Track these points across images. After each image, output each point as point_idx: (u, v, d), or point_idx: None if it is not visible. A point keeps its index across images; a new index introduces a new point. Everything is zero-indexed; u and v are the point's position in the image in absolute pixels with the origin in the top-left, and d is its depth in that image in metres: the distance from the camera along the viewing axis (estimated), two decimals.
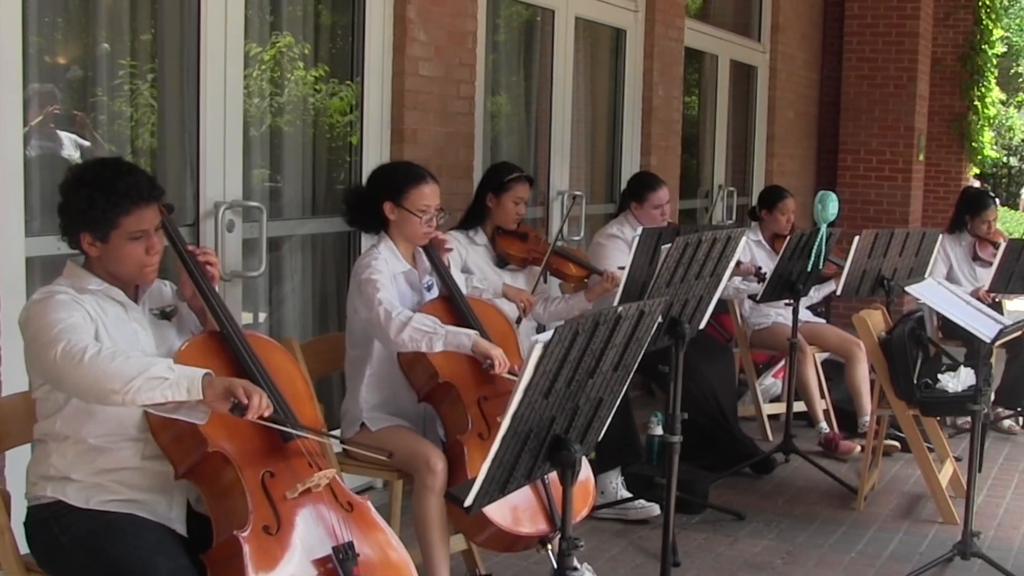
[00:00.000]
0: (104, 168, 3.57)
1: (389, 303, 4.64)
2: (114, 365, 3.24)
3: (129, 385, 3.23)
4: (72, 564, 3.51)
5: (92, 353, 3.26)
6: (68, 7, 5.05)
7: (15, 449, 3.91)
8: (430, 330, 4.57)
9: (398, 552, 3.70)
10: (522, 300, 5.81)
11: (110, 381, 3.24)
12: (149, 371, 3.26)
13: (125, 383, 3.23)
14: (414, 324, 4.56)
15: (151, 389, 3.25)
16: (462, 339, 4.59)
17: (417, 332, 4.57)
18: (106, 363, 3.25)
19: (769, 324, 8.09)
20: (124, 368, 3.24)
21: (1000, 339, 5.38)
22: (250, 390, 3.32)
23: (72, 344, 3.29)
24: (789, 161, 12.76)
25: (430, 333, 4.57)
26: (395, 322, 4.57)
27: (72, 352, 3.27)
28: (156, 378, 3.26)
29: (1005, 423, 8.55)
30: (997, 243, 8.35)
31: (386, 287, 4.70)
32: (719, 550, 5.90)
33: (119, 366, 3.25)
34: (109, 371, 3.24)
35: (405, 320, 4.57)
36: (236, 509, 3.45)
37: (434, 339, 4.57)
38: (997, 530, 6.31)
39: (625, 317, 3.28)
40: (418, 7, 6.49)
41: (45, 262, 4.64)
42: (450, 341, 4.58)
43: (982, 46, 14.58)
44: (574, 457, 3.30)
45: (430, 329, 4.57)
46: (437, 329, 4.58)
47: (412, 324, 4.56)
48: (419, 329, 4.57)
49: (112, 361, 3.25)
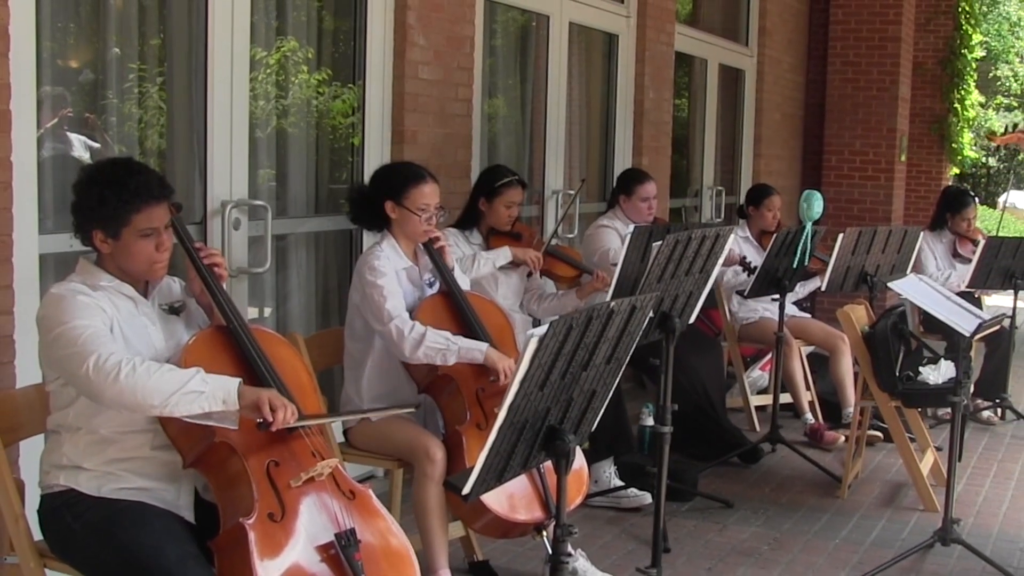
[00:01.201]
0: (116, 167, 3.57)
1: (400, 317, 4.66)
2: (151, 382, 3.28)
3: (168, 400, 3.29)
4: (84, 550, 3.52)
5: (127, 371, 3.28)
6: (80, 13, 5.04)
7: (29, 439, 3.91)
8: (443, 346, 4.60)
9: (398, 538, 3.71)
10: (529, 258, 5.81)
11: (149, 397, 3.28)
12: (187, 386, 3.30)
13: (164, 399, 3.28)
14: (428, 343, 4.60)
15: (189, 403, 3.31)
16: (475, 354, 4.63)
17: (431, 349, 4.60)
18: (143, 379, 3.28)
19: (756, 319, 8.09)
20: (161, 384, 3.28)
21: (979, 333, 5.39)
22: (276, 404, 3.37)
23: (103, 360, 3.30)
24: (776, 161, 12.77)
25: (443, 349, 4.61)
26: (409, 340, 4.61)
27: (106, 368, 3.29)
28: (193, 392, 3.31)
29: (984, 414, 8.56)
30: (976, 241, 8.35)
31: (393, 294, 4.72)
32: (708, 537, 5.90)
33: (156, 382, 3.28)
34: (148, 388, 3.27)
35: (419, 338, 4.60)
36: (242, 497, 3.45)
37: (448, 354, 4.61)
38: (976, 517, 6.32)
39: (617, 312, 3.28)
40: (418, 13, 6.48)
41: (58, 259, 4.63)
42: (463, 356, 4.63)
43: (962, 50, 14.58)
44: (568, 447, 3.30)
45: (443, 346, 4.60)
46: (450, 345, 4.60)
47: (426, 343, 4.60)
48: (433, 347, 4.60)
49: (149, 378, 3.28)
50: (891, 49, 13.04)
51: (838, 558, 5.65)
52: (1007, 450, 7.83)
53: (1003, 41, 27.81)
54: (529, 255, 5.88)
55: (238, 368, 3.65)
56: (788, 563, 5.58)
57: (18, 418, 3.76)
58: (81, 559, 3.55)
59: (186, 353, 3.55)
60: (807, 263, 7.19)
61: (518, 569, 5.33)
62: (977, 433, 8.21)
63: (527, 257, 5.87)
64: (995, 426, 8.48)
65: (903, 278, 6.09)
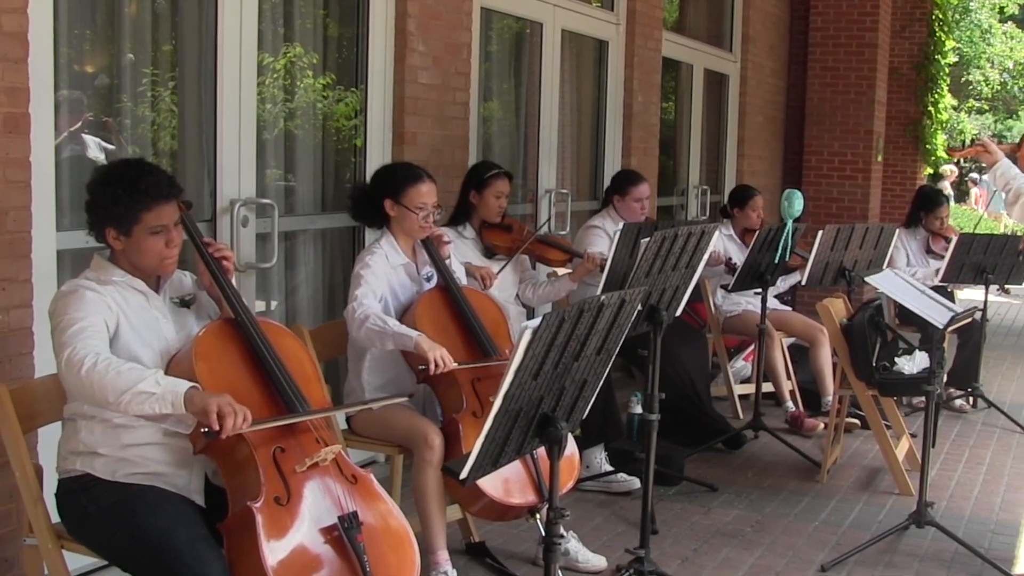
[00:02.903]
0: (127, 168, 3.58)
1: (359, 301, 4.64)
2: (107, 379, 3.25)
3: (120, 398, 3.26)
4: (99, 532, 3.52)
5: (88, 366, 3.27)
6: (96, 20, 5.03)
7: (46, 427, 3.90)
8: (380, 329, 4.54)
9: (399, 521, 3.71)
10: (481, 274, 5.77)
11: (103, 393, 3.26)
12: (137, 386, 3.26)
13: (117, 396, 3.26)
14: (368, 324, 4.55)
15: (140, 403, 3.26)
16: (406, 340, 4.51)
17: (370, 331, 4.56)
18: (101, 376, 3.26)
19: (740, 311, 8.09)
20: (116, 382, 3.25)
21: (952, 325, 5.39)
22: (224, 412, 3.25)
23: (75, 352, 3.31)
24: (758, 162, 12.77)
25: (381, 332, 4.54)
26: (356, 321, 4.59)
27: (72, 361, 3.29)
28: (143, 392, 3.26)
29: (956, 402, 8.57)
30: (949, 238, 8.35)
31: (367, 284, 4.71)
32: (694, 519, 5.91)
33: (112, 380, 3.25)
34: (104, 384, 3.25)
35: (362, 319, 4.56)
36: (250, 482, 3.45)
37: (384, 337, 4.55)
38: (949, 501, 6.33)
39: (607, 305, 3.28)
40: (417, 20, 6.48)
41: (75, 255, 4.63)
42: (397, 341, 4.54)
43: (935, 56, 14.58)
44: (560, 434, 3.30)
45: (380, 328, 4.54)
46: (386, 328, 4.53)
47: (367, 324, 4.55)
48: (372, 328, 4.55)
49: (106, 375, 3.26)
50: (868, 55, 13.05)
51: (817, 539, 5.66)
52: (978, 437, 7.84)
53: (975, 47, 27.81)
54: (482, 271, 5.75)
55: (245, 358, 3.66)
56: (770, 544, 5.58)
57: (36, 406, 3.75)
58: (96, 540, 3.55)
59: (196, 344, 3.55)
60: (788, 259, 7.19)
61: (513, 550, 5.34)
62: (950, 420, 8.22)
63: (478, 273, 5.74)
64: (967, 414, 8.50)
65: (879, 273, 6.09)
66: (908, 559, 5.40)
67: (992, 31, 29.11)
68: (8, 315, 4.22)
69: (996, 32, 29.51)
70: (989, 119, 33.31)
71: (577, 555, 5.12)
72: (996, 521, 6.01)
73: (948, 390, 8.46)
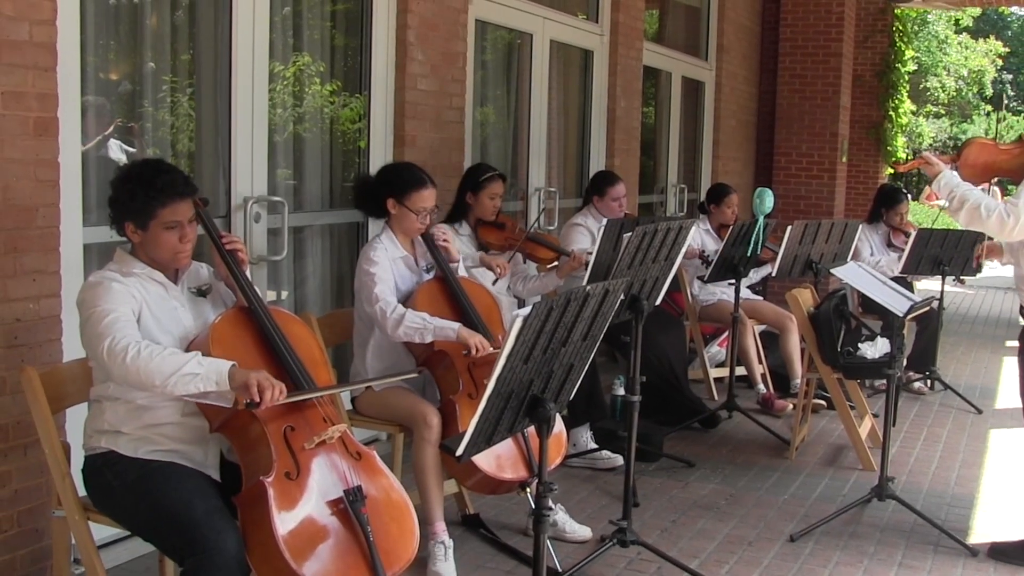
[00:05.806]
0: (146, 167, 3.58)
1: (385, 300, 4.67)
2: (153, 365, 3.28)
3: (167, 380, 3.28)
4: (123, 504, 3.52)
5: (133, 354, 3.28)
6: (119, 31, 5.01)
7: (74, 407, 3.91)
8: (420, 326, 4.59)
9: (399, 494, 3.71)
10: (498, 265, 5.78)
11: (150, 377, 3.28)
12: (183, 368, 3.29)
13: (164, 379, 3.28)
14: (407, 322, 4.59)
15: (186, 383, 3.30)
16: (448, 332, 4.59)
17: (410, 328, 4.60)
18: (146, 362, 3.28)
19: (715, 301, 8.10)
20: (162, 366, 3.28)
21: (911, 314, 5.40)
22: (264, 386, 3.31)
23: (116, 342, 3.32)
24: (732, 162, 12.77)
25: (420, 328, 4.59)
26: (391, 320, 4.62)
27: (115, 350, 3.30)
28: (189, 374, 3.29)
29: (915, 385, 8.59)
30: (908, 232, 8.36)
31: (383, 280, 4.72)
32: (672, 493, 5.92)
33: (157, 365, 3.28)
34: (150, 369, 3.27)
35: (399, 318, 4.60)
36: (262, 458, 3.45)
37: (424, 333, 4.60)
38: (908, 476, 6.34)
39: (592, 295, 3.28)
40: (417, 32, 6.47)
41: (100, 248, 4.62)
42: (438, 334, 4.60)
43: (896, 64, 14.57)
44: (549, 414, 3.30)
45: (420, 325, 4.59)
46: (427, 324, 4.59)
47: (405, 322, 4.60)
48: (411, 326, 4.59)
49: (151, 361, 3.28)
50: (833, 63, 13.07)
51: (787, 511, 5.67)
52: (935, 417, 7.86)
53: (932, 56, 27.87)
54: (498, 261, 5.81)
55: (258, 344, 3.65)
56: (743, 516, 5.59)
57: (65, 388, 3.75)
58: (120, 512, 3.55)
59: (213, 331, 3.54)
60: (760, 252, 7.19)
61: (505, 521, 5.34)
62: (909, 402, 8.25)
63: (495, 263, 5.80)
64: (925, 396, 8.51)
65: (844, 265, 6.10)
66: (870, 530, 5.41)
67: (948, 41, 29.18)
68: (38, 304, 4.22)
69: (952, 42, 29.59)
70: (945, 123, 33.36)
71: (564, 526, 5.13)
72: (952, 495, 6.03)
73: (907, 373, 8.49)
